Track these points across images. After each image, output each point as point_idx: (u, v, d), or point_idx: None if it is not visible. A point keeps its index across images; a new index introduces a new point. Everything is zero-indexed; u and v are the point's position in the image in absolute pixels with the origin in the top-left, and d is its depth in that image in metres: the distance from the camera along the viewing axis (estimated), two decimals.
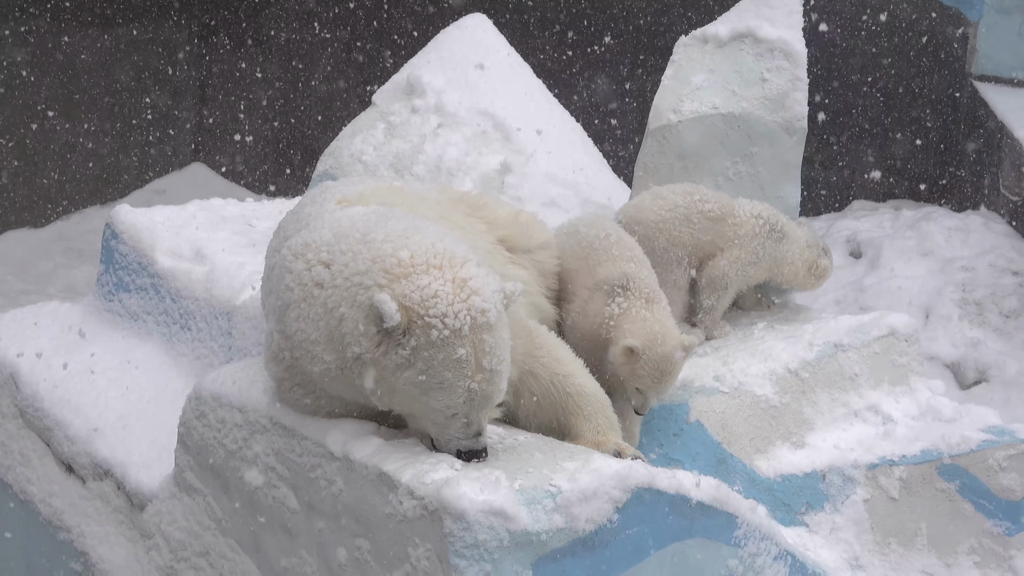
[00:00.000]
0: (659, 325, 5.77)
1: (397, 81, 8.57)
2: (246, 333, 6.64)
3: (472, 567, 4.53)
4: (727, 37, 7.34)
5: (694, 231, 6.68)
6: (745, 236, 6.71)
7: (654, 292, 5.92)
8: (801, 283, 6.92)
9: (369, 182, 5.93)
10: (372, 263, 4.72)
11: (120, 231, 7.46)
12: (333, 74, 17.10)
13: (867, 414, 6.49)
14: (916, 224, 13.58)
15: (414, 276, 4.65)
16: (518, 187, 8.03)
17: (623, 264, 6.01)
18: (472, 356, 4.63)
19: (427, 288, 4.62)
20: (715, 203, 6.72)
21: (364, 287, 4.69)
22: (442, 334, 4.60)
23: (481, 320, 4.63)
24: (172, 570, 5.74)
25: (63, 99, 16.15)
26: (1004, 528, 6.18)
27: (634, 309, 5.83)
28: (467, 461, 4.73)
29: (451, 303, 4.60)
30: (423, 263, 4.68)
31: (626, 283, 5.88)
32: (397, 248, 4.73)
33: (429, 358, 4.62)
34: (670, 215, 6.68)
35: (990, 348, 11.91)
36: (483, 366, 4.65)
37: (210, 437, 5.47)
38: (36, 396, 6.89)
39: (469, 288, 4.64)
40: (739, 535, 5.14)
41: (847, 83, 15.30)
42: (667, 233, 6.65)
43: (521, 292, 4.83)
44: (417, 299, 4.61)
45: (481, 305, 4.63)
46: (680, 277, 6.71)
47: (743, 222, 6.73)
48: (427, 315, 4.59)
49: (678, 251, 6.68)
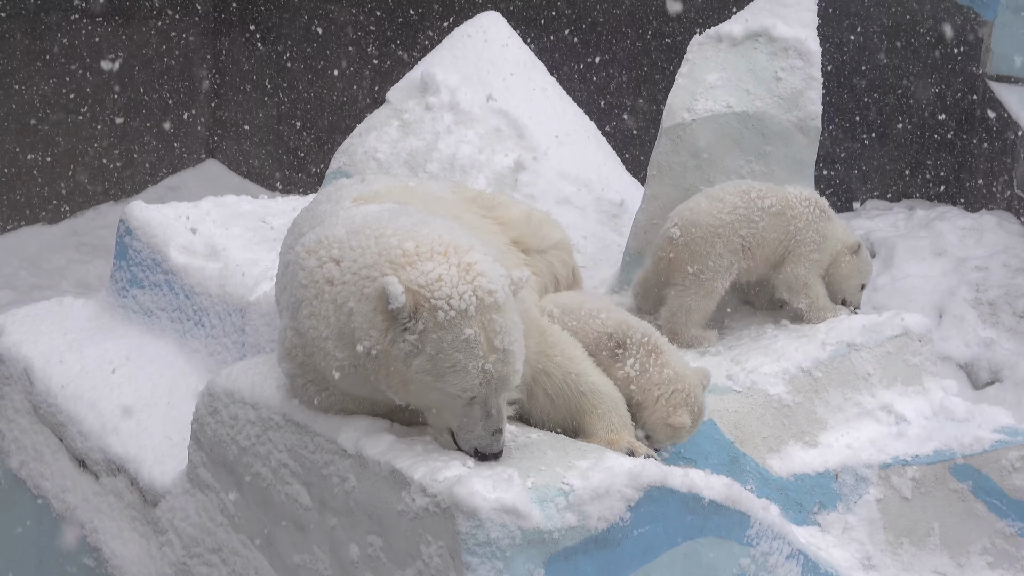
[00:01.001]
0: (681, 383, 5.71)
1: (411, 79, 8.58)
2: (259, 329, 6.66)
3: (484, 565, 4.53)
4: (741, 36, 7.33)
5: (756, 230, 6.69)
6: (804, 228, 6.74)
7: (651, 337, 5.84)
8: (843, 267, 6.87)
9: (385, 180, 5.94)
10: (379, 256, 4.75)
11: (134, 227, 7.48)
12: (348, 72, 17.11)
13: (880, 414, 6.49)
14: (930, 224, 13.56)
15: (419, 263, 4.67)
16: (532, 185, 8.04)
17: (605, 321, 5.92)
18: (482, 336, 4.64)
19: (432, 272, 4.64)
20: (772, 197, 6.73)
21: (371, 279, 4.71)
22: (448, 315, 4.61)
23: (488, 300, 4.64)
24: (184, 566, 5.75)
25: (78, 95, 16.18)
26: (1017, 528, 6.17)
27: (650, 367, 5.76)
28: (482, 460, 4.73)
29: (455, 285, 4.62)
30: (428, 251, 4.71)
31: (621, 338, 5.81)
32: (403, 240, 4.76)
33: (438, 340, 4.63)
34: (730, 218, 6.67)
35: (1003, 348, 11.89)
36: (495, 346, 4.66)
37: (223, 433, 5.48)
38: (50, 392, 6.91)
39: (475, 271, 4.66)
40: (751, 534, 5.13)
41: (861, 82, 15.28)
42: (725, 239, 6.63)
43: (528, 279, 4.83)
44: (422, 283, 4.62)
45: (487, 286, 4.64)
46: (720, 286, 6.69)
47: (800, 213, 6.75)
48: (433, 297, 4.60)
49: (731, 258, 6.66)
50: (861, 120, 15.33)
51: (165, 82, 17.01)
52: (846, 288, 6.90)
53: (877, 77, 15.23)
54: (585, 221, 8.04)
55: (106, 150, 16.50)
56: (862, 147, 15.38)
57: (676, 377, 5.65)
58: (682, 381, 5.65)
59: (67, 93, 16.08)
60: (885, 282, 12.77)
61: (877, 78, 15.24)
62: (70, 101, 16.13)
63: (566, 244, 6.50)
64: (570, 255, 6.54)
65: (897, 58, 15.07)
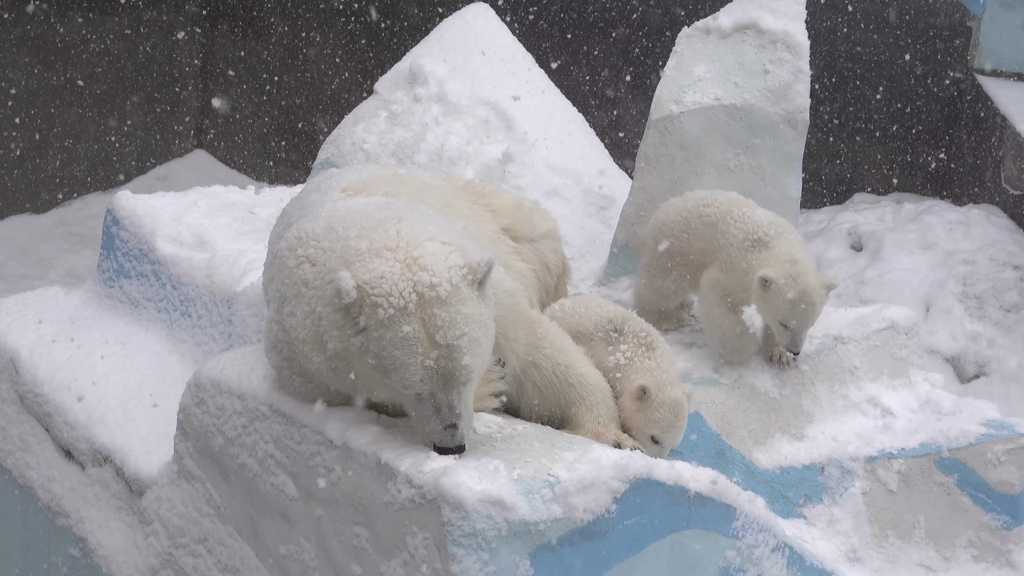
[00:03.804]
0: (665, 374, 5.71)
1: (399, 70, 8.56)
2: (246, 320, 6.65)
3: (470, 556, 4.54)
4: (730, 28, 7.33)
5: (688, 237, 6.43)
6: (727, 247, 6.24)
7: (650, 335, 5.86)
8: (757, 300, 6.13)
9: (374, 170, 5.93)
10: (339, 257, 4.75)
11: (121, 217, 7.46)
12: (336, 62, 17.09)
13: (866, 407, 6.50)
14: (917, 217, 13.59)
15: (367, 260, 4.66)
16: (519, 176, 8.03)
17: (610, 309, 5.95)
18: (422, 332, 4.60)
19: (376, 269, 4.62)
20: (714, 208, 6.35)
21: (330, 281, 4.71)
22: (387, 312, 4.59)
23: (430, 295, 4.60)
24: (170, 556, 5.75)
25: (65, 84, 16.14)
26: (1002, 522, 6.19)
27: (638, 359, 5.77)
28: (443, 455, 4.71)
29: (395, 281, 4.59)
30: (379, 247, 4.69)
31: (619, 324, 5.83)
32: (359, 239, 4.76)
33: (379, 338, 4.62)
34: (675, 218, 6.50)
35: (990, 342, 11.93)
36: (436, 342, 4.62)
37: (209, 424, 5.48)
38: (36, 381, 6.89)
39: (418, 265, 4.63)
40: (737, 527, 5.14)
41: (850, 76, 15.29)
42: (668, 239, 6.49)
43: (490, 262, 4.74)
44: (366, 279, 4.61)
45: (428, 280, 4.60)
46: (663, 284, 6.54)
47: (729, 231, 6.26)
48: (373, 294, 4.59)
49: (669, 260, 6.49)
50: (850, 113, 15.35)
51: (153, 72, 16.97)
52: (769, 323, 6.22)
53: (865, 70, 15.25)
54: (573, 213, 8.04)
55: (94, 139, 16.47)
56: (850, 140, 15.40)
57: (657, 368, 5.66)
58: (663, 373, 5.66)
59: (54, 82, 16.04)
60: (872, 275, 12.80)
61: (865, 71, 15.25)
62: (57, 90, 16.08)
63: (556, 233, 6.50)
64: (559, 244, 6.54)
65: (885, 52, 15.09)
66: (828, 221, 14.25)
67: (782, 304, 6.02)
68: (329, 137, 8.37)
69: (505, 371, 5.15)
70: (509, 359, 5.21)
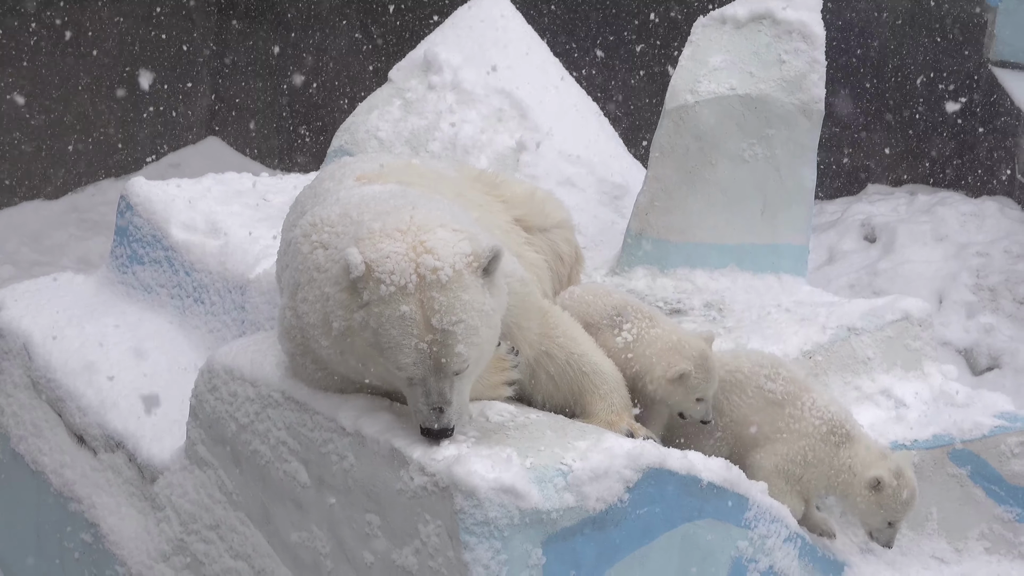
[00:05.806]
0: (675, 335, 5.69)
1: (414, 58, 8.56)
2: (259, 307, 6.65)
3: (482, 544, 4.53)
4: (745, 18, 7.32)
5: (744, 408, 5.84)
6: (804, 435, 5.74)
7: (651, 311, 5.84)
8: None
9: (388, 159, 5.92)
10: (351, 238, 4.75)
11: (135, 203, 7.47)
12: (349, 49, 17.08)
13: (879, 398, 6.49)
14: (931, 209, 13.57)
15: (377, 239, 4.67)
16: (533, 165, 8.02)
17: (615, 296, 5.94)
18: (419, 315, 4.61)
19: (383, 249, 4.63)
20: (780, 386, 5.78)
21: (338, 260, 4.72)
22: (388, 290, 4.60)
23: (431, 278, 4.60)
24: (182, 543, 5.75)
25: (79, 71, 16.15)
26: (1015, 514, 6.18)
27: (643, 333, 5.74)
28: (429, 438, 4.71)
29: (399, 261, 4.61)
30: (391, 230, 4.70)
31: (621, 307, 5.82)
32: (372, 221, 4.78)
33: (379, 314, 4.62)
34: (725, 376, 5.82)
35: (1003, 334, 11.90)
36: (432, 325, 4.61)
37: (222, 410, 5.48)
38: (49, 367, 6.90)
39: (423, 248, 4.64)
40: (749, 517, 5.14)
41: (865, 66, 15.25)
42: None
43: (495, 249, 4.74)
44: (373, 258, 4.62)
45: (431, 263, 4.61)
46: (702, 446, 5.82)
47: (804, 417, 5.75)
48: (378, 271, 4.60)
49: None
50: (864, 105, 15.31)
51: (167, 59, 16.97)
52: (866, 520, 5.79)
53: (881, 61, 15.21)
54: (587, 202, 8.03)
55: (107, 126, 16.48)
56: (865, 131, 15.37)
57: (665, 333, 5.65)
58: (674, 334, 5.64)
59: (69, 68, 16.05)
60: (886, 267, 12.78)
61: (880, 62, 15.21)
62: (72, 76, 16.09)
63: (569, 223, 6.49)
64: (572, 234, 6.53)
65: (901, 43, 15.05)
66: (841, 212, 14.22)
67: (897, 505, 5.66)
68: (343, 125, 8.38)
69: (519, 360, 5.15)
70: (522, 348, 5.20)
